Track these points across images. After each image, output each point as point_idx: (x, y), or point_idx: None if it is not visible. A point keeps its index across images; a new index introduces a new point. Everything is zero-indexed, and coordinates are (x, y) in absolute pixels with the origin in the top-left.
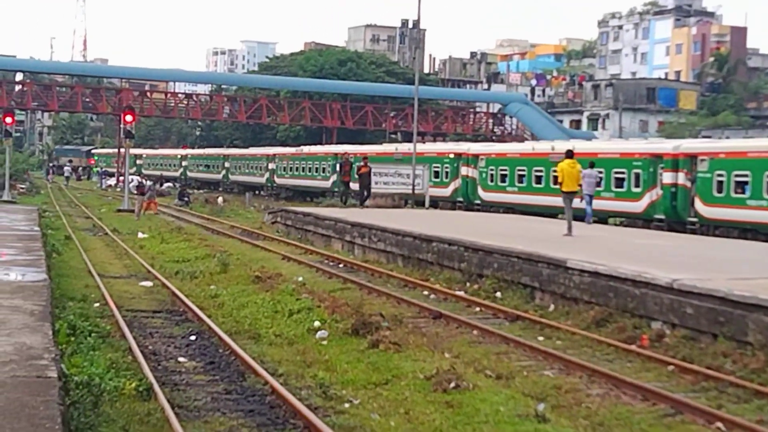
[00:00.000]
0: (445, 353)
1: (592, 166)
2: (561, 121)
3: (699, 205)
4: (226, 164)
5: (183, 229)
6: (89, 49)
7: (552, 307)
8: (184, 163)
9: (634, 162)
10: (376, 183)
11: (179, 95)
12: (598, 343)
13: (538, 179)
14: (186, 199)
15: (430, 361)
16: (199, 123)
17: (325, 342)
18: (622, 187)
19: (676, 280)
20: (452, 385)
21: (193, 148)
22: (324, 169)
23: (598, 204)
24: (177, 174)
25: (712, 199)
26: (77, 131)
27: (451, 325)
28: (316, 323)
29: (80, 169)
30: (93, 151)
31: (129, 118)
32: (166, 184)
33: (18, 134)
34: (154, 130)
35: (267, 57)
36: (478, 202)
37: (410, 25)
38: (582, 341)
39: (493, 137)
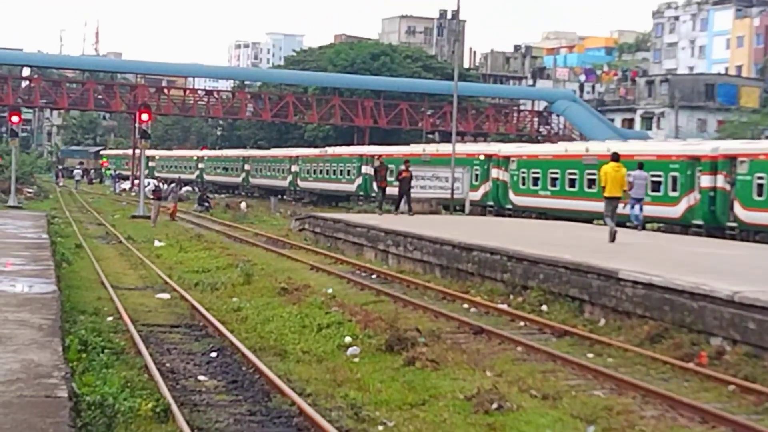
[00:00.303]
0: (486, 371)
1: (641, 167)
2: (612, 120)
3: (738, 209)
4: (246, 166)
5: (203, 236)
6: (102, 42)
7: (602, 321)
8: (200, 165)
9: (670, 164)
10: (412, 187)
11: (199, 92)
12: (652, 361)
13: (572, 182)
14: (206, 204)
15: (470, 380)
16: (221, 122)
17: (356, 359)
18: (658, 191)
19: (738, 293)
20: (494, 406)
21: (213, 149)
22: (348, 171)
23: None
24: (193, 177)
25: (752, 203)
26: (89, 131)
27: (493, 340)
28: (347, 339)
29: (92, 171)
30: (102, 152)
31: (145, 116)
32: (184, 188)
33: (25, 134)
34: (171, 129)
35: (294, 50)
36: (509, 206)
37: (449, 16)
38: (635, 358)
39: (539, 138)
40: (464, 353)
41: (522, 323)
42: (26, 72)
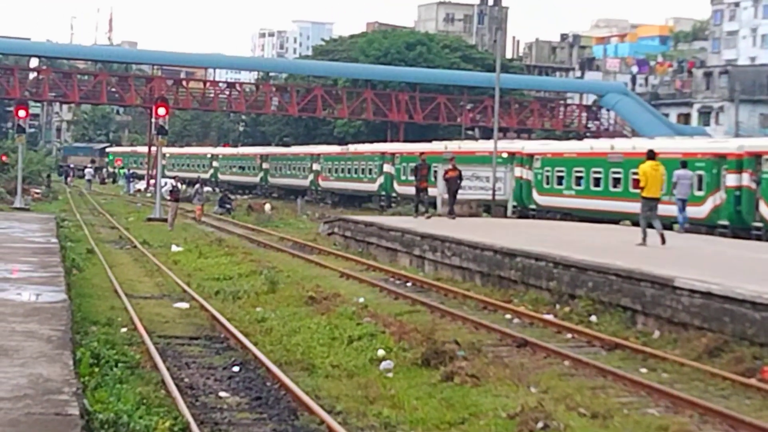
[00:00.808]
0: (531, 388)
1: (684, 166)
2: (667, 116)
3: (764, 208)
4: (264, 165)
5: (224, 241)
6: (115, 31)
7: (657, 333)
8: (215, 164)
9: (696, 163)
10: (461, 187)
11: (220, 84)
12: (711, 376)
13: (597, 182)
14: (228, 206)
15: (513, 397)
16: (243, 117)
17: (390, 374)
18: None
19: None
20: (540, 425)
21: (235, 146)
22: (370, 170)
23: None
24: (207, 176)
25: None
26: (101, 126)
27: (538, 354)
28: (381, 352)
29: (104, 170)
30: (109, 149)
31: (162, 111)
32: (205, 188)
33: (33, 130)
34: (190, 125)
35: (322, 39)
36: (533, 206)
37: (490, 3)
38: (692, 374)
39: (587, 134)
40: (507, 368)
41: (569, 335)
42: (34, 63)
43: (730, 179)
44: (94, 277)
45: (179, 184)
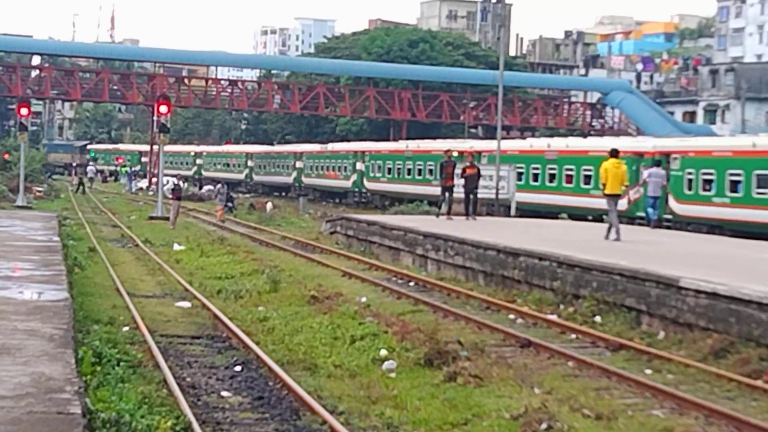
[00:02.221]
0: (534, 388)
1: (657, 165)
2: (672, 113)
3: (673, 203)
4: (249, 163)
5: (226, 240)
6: (117, 29)
7: (662, 334)
8: (198, 161)
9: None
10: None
11: (222, 82)
12: (716, 378)
13: (535, 177)
14: (230, 204)
15: (517, 398)
16: (245, 115)
17: (393, 374)
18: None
19: None
20: (543, 426)
21: (237, 143)
22: (345, 167)
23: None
24: (190, 173)
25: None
26: (103, 124)
27: (541, 355)
28: (383, 352)
29: (105, 170)
30: (89, 146)
31: (164, 108)
32: (206, 188)
33: (35, 128)
34: (192, 123)
35: (325, 37)
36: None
37: (493, 0)
38: (697, 375)
39: (591, 132)
40: (510, 368)
41: (573, 336)
42: (36, 60)
43: (645, 175)
44: (96, 275)
45: (181, 183)
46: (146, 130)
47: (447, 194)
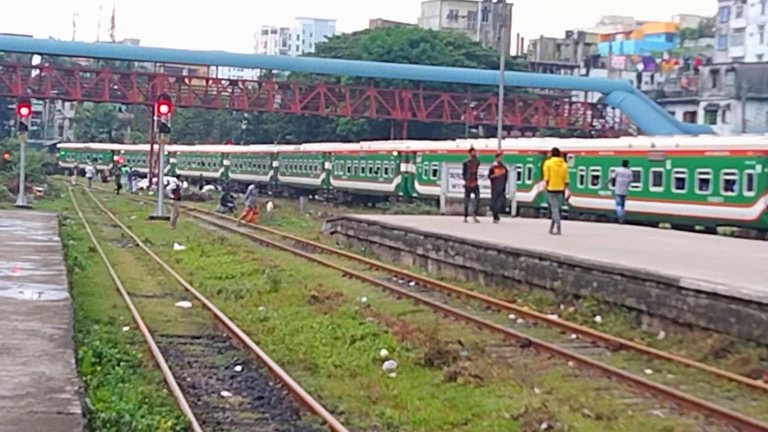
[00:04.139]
0: (535, 388)
1: (625, 164)
2: (673, 113)
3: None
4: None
5: (226, 239)
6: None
7: (662, 334)
8: (172, 161)
9: (527, 158)
10: (454, 186)
11: (222, 82)
12: (716, 378)
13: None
14: (230, 204)
15: (517, 398)
16: (246, 115)
17: (393, 374)
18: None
19: None
20: (544, 426)
21: (238, 143)
22: (315, 166)
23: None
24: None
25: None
26: (103, 124)
27: (542, 354)
28: (383, 352)
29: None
30: (59, 145)
31: (164, 108)
32: (206, 187)
33: (35, 127)
34: (192, 122)
35: (325, 37)
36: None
37: (494, 0)
38: (697, 375)
39: (592, 132)
40: (510, 368)
41: (573, 336)
42: (36, 60)
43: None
44: (96, 275)
45: (182, 183)
46: (147, 129)
47: (472, 195)
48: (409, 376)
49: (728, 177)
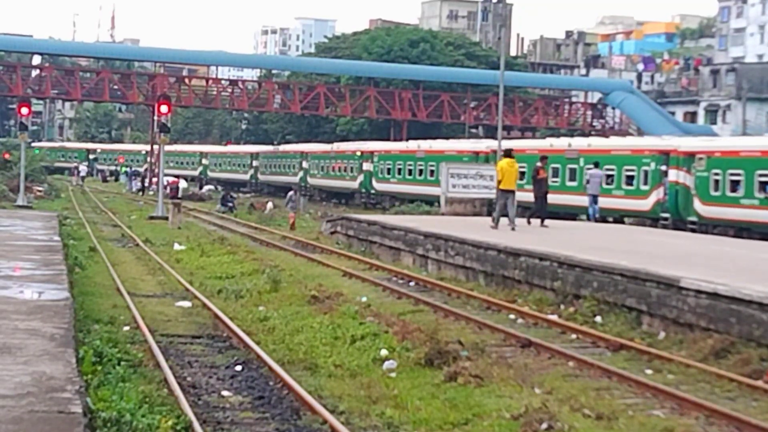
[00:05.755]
0: (535, 388)
1: (596, 165)
2: (673, 114)
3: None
4: (204, 161)
5: (226, 239)
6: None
7: (662, 334)
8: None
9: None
10: (454, 186)
11: (222, 82)
12: (717, 378)
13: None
14: (230, 204)
15: (517, 398)
16: (246, 115)
17: (393, 374)
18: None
19: None
20: (544, 426)
21: (238, 143)
22: (293, 166)
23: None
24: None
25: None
26: (103, 124)
27: (542, 355)
28: (383, 352)
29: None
30: (34, 144)
31: (164, 108)
32: (206, 187)
33: (35, 127)
34: (192, 122)
35: (325, 37)
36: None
37: (494, 0)
38: (698, 375)
39: (592, 132)
40: (510, 368)
41: (574, 336)
42: (37, 60)
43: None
44: (96, 275)
45: (180, 183)
46: (147, 129)
47: (542, 202)
48: (409, 376)
49: (629, 173)
